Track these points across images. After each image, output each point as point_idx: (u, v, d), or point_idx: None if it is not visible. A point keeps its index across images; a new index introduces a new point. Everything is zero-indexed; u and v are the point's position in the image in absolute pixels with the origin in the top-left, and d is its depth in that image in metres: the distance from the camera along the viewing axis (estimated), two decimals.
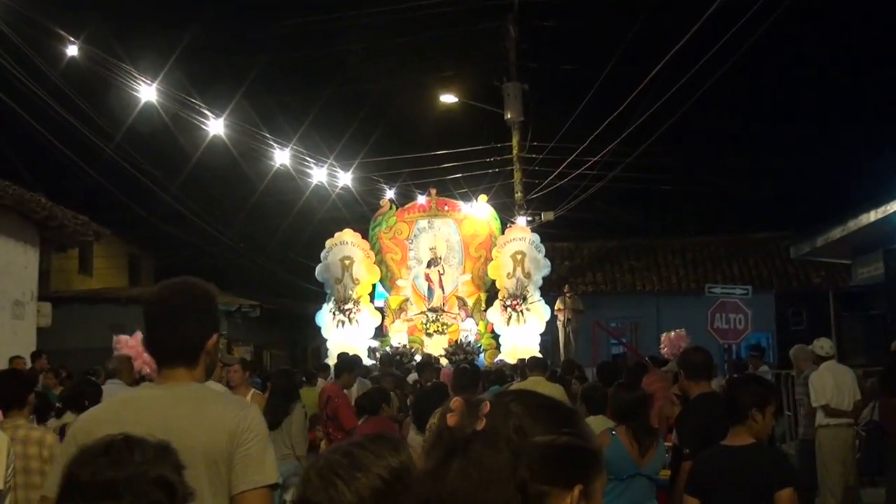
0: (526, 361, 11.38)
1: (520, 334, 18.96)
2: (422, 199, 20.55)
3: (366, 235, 20.33)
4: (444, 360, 17.28)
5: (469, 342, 18.87)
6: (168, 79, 15.13)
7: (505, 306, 19.23)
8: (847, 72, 37.14)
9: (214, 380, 6.77)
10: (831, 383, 9.15)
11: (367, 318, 19.68)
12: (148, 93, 14.29)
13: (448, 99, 23.22)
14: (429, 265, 20.15)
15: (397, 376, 13.23)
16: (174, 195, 19.88)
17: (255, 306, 23.98)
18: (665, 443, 6.37)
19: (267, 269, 27.07)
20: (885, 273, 14.67)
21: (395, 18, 22.09)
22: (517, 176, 22.87)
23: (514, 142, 22.86)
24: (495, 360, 18.15)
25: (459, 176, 22.21)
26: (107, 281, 26.27)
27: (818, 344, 9.57)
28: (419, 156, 22.48)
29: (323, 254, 20.06)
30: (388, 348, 18.70)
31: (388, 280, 20.39)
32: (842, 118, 37.67)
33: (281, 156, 18.04)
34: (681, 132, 28.08)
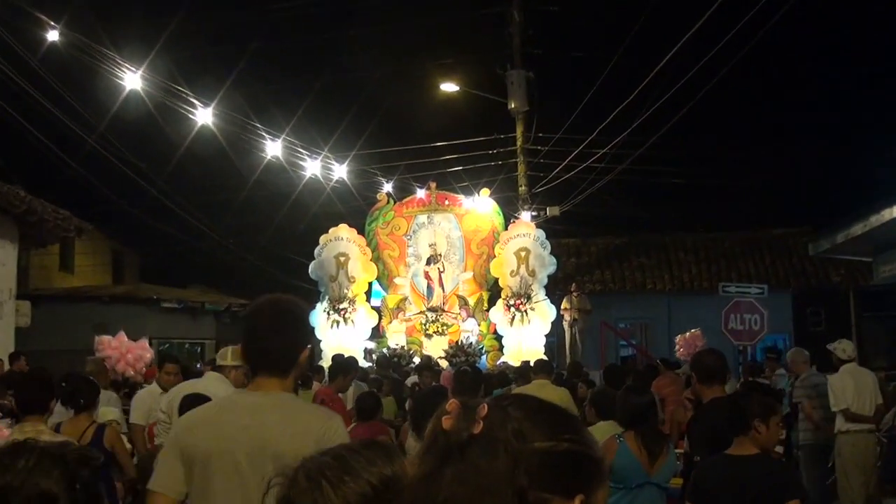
0: (530, 364, 11.36)
1: (524, 335, 18.96)
2: (421, 193, 20.54)
3: (362, 231, 20.32)
4: (443, 363, 17.28)
5: (470, 344, 18.86)
6: (154, 66, 15.12)
7: (508, 306, 19.22)
8: (870, 60, 37.14)
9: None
10: (852, 387, 9.16)
11: (363, 318, 19.68)
12: (133, 80, 14.26)
13: (449, 87, 23.20)
14: (428, 262, 20.14)
15: (396, 379, 13.25)
16: (160, 188, 19.89)
17: (245, 305, 23.93)
18: (676, 449, 6.37)
19: (258, 267, 27.05)
20: None
21: (394, 2, 22.11)
22: (521, 169, 22.85)
23: (519, 133, 22.84)
24: (498, 362, 18.16)
25: (460, 168, 22.21)
26: (89, 278, 26.28)
27: (839, 346, 9.58)
28: (418, 147, 22.48)
29: (317, 250, 20.05)
30: (385, 350, 18.71)
31: (385, 278, 20.39)
32: (863, 108, 37.70)
33: (273, 147, 18.01)
34: (694, 123, 28.10)
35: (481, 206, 20.32)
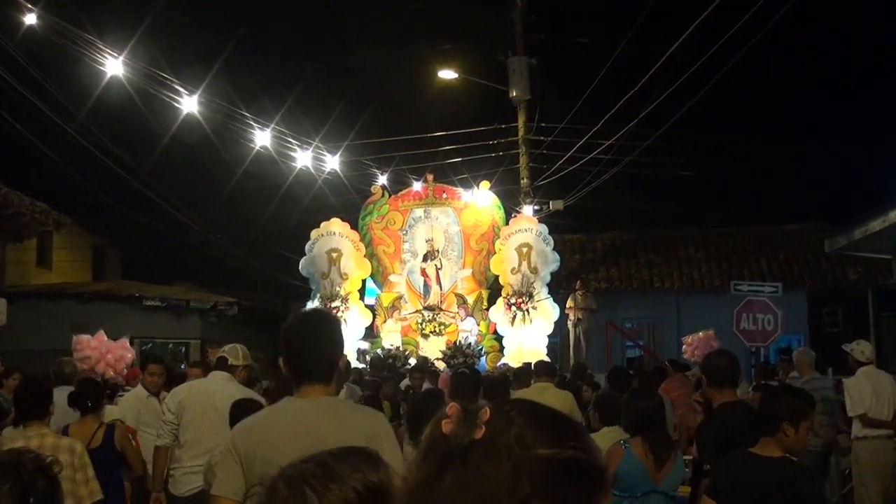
0: (530, 366, 11.36)
1: (525, 336, 18.98)
2: (417, 186, 20.55)
3: (355, 225, 20.33)
4: (441, 364, 17.29)
5: (469, 344, 18.88)
6: (137, 51, 15.10)
7: (509, 305, 19.24)
8: (891, 49, 37.12)
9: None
10: (870, 391, 9.18)
11: (356, 317, 19.68)
12: (114, 66, 14.24)
13: (447, 75, 23.19)
14: (425, 259, 20.16)
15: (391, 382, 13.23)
16: (143, 180, 19.86)
17: (232, 304, 23.99)
18: (685, 456, 6.37)
19: (246, 263, 27.05)
20: None
21: None
22: (523, 160, 22.85)
23: (520, 122, 22.84)
24: (498, 364, 18.18)
25: (459, 160, 22.20)
26: (68, 275, 26.26)
27: (856, 348, 9.59)
28: (415, 137, 22.47)
29: (307, 246, 20.06)
30: (379, 350, 18.72)
31: (379, 275, 20.40)
32: (883, 99, 37.71)
33: (262, 137, 18.00)
34: (704, 112, 28.08)
35: (481, 199, 20.32)
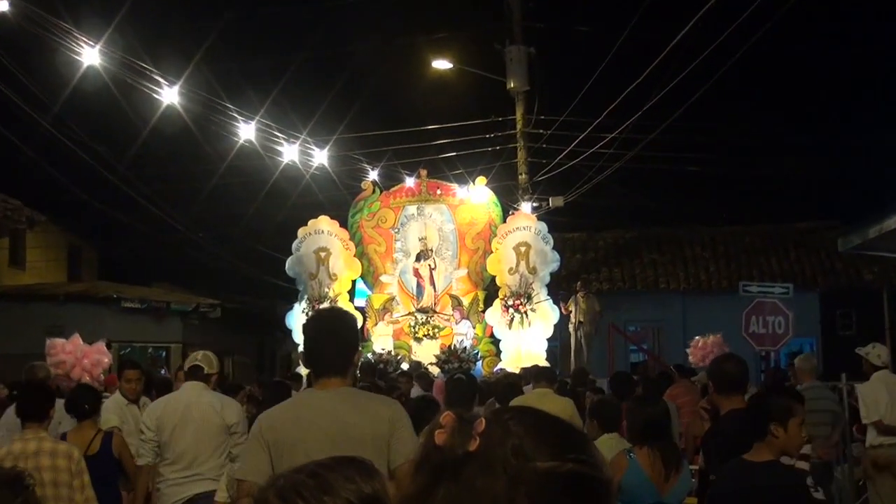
0: (525, 372, 11.36)
1: (523, 339, 18.96)
2: (410, 182, 20.52)
3: (344, 223, 20.29)
4: (434, 370, 17.27)
5: (464, 348, 18.86)
6: (114, 39, 15.06)
7: (506, 307, 19.22)
8: None
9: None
10: (885, 397, 9.17)
11: None
12: (91, 56, 14.20)
13: (441, 65, 23.18)
14: (418, 258, 20.13)
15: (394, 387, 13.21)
16: (122, 176, 19.84)
17: (215, 305, 23.97)
18: (691, 465, 6.36)
19: (229, 263, 27.03)
20: None
21: None
22: (521, 155, 22.86)
23: (518, 115, 22.85)
24: (495, 369, 18.15)
25: (454, 154, 22.21)
26: (42, 275, 26.21)
27: (872, 351, 9.59)
28: (407, 131, 22.47)
29: (294, 245, 20.03)
30: (369, 355, 18.68)
31: (370, 275, 20.37)
32: None
33: (246, 130, 17.96)
34: (712, 105, 28.11)
35: (477, 195, 20.30)
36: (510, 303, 19.20)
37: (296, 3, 29.65)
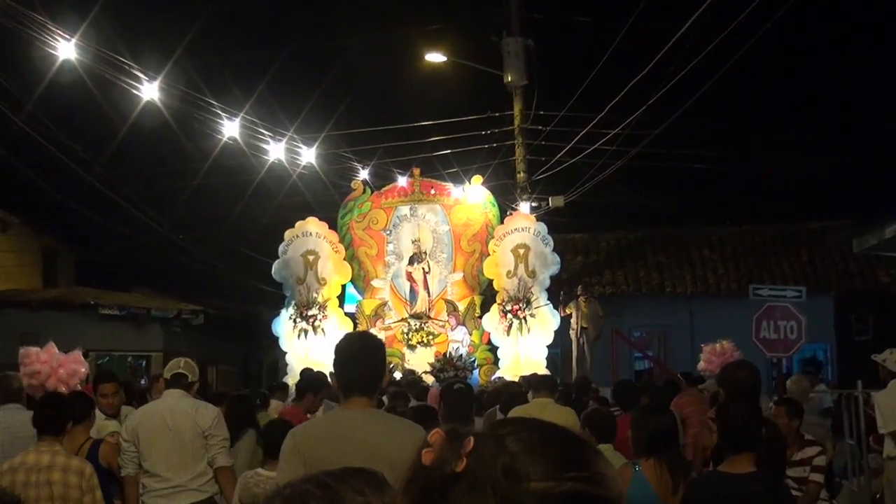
0: (529, 379, 11.32)
1: (522, 346, 18.98)
2: (402, 181, 20.52)
3: (334, 225, 20.29)
4: (429, 378, 17.25)
5: (460, 356, 18.87)
6: (91, 32, 15.02)
7: (504, 312, 19.23)
8: None
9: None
10: None
11: (335, 326, 19.62)
12: (67, 49, 14.17)
13: (435, 58, 23.19)
14: (411, 262, 20.13)
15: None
16: (99, 176, 19.78)
17: (197, 312, 23.95)
18: None
19: (212, 267, 27.00)
20: None
21: None
22: (519, 152, 22.87)
23: (516, 111, 22.86)
24: (492, 377, 18.16)
25: (449, 152, 22.19)
26: (15, 281, 26.14)
27: (890, 357, 9.58)
28: (400, 127, 22.47)
29: (281, 248, 20.01)
30: None
31: (360, 280, 20.36)
32: None
33: (230, 127, 17.93)
34: (719, 100, 28.13)
35: (473, 195, 20.30)
36: (508, 308, 19.20)
37: None
